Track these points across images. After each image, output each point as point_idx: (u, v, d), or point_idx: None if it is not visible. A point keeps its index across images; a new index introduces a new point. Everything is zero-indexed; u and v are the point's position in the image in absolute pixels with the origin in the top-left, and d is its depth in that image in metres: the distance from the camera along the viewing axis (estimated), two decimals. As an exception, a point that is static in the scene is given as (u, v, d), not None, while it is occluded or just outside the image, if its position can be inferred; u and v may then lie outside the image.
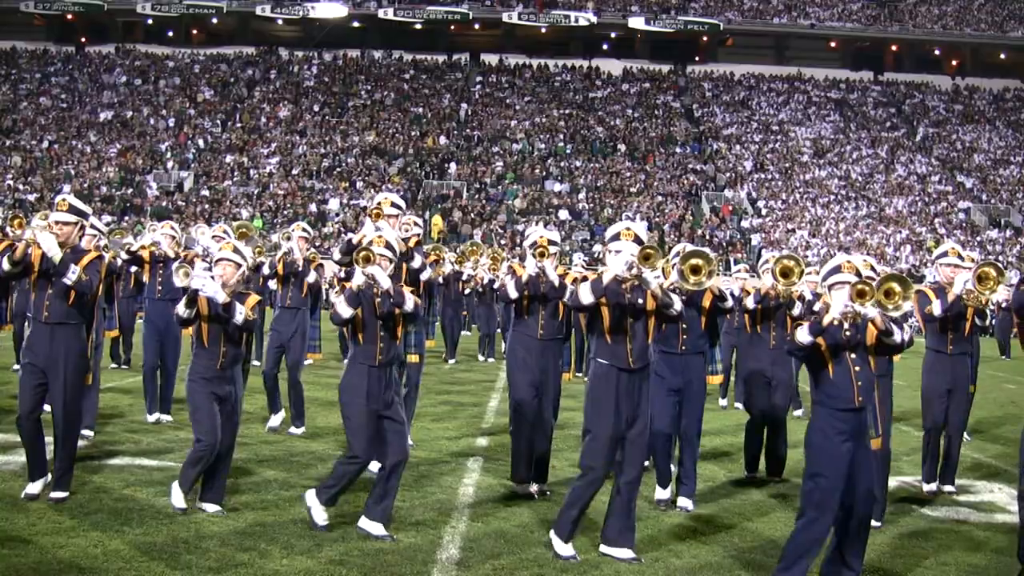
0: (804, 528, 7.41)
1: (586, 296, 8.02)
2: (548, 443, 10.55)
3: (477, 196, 57.37)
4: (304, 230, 13.87)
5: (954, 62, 73.81)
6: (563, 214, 55.90)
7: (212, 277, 8.89)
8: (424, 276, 11.32)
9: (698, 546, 8.72)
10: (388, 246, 8.88)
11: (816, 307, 8.87)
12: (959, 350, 10.91)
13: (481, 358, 25.49)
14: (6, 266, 9.08)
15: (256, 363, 18.74)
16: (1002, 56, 72.68)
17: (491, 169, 60.33)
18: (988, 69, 72.69)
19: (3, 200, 52.55)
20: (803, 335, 7.38)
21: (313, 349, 15.37)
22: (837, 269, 7.67)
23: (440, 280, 13.74)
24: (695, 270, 8.20)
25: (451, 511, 9.41)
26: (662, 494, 10.24)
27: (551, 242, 10.35)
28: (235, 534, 8.28)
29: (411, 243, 11.00)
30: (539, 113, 66.73)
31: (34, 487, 9.16)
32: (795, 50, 73.39)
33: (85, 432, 11.53)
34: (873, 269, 9.08)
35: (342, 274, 12.53)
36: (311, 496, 8.62)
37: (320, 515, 8.56)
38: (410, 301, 8.59)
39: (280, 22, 71.93)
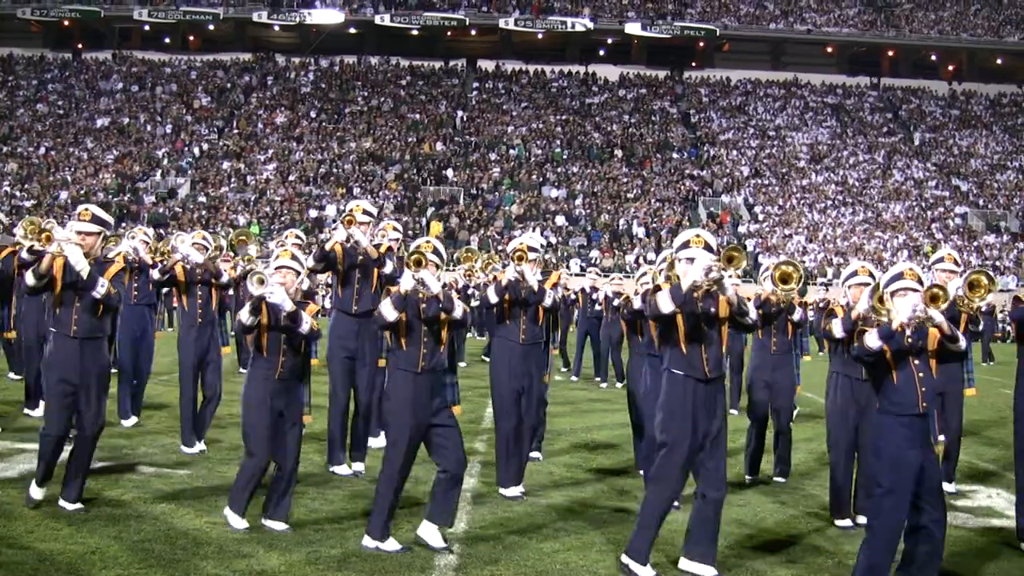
0: (873, 542, 7.39)
1: (666, 305, 7.80)
2: (529, 445, 10.84)
3: (474, 202, 57.39)
4: (298, 237, 14.16)
5: (951, 67, 73.91)
6: (560, 220, 55.94)
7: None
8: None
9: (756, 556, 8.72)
10: (436, 252, 8.67)
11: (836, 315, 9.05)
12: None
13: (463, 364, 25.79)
14: (32, 281, 8.82)
15: (242, 371, 19.12)
16: (999, 61, 72.78)
17: (488, 175, 60.34)
18: (985, 74, 72.78)
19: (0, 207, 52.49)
20: (872, 340, 7.33)
21: (311, 355, 15.27)
22: (900, 276, 7.56)
23: None
24: (729, 260, 8.19)
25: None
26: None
27: (531, 248, 10.60)
28: (233, 540, 8.27)
29: (383, 249, 11.28)
30: (536, 119, 66.76)
31: (40, 492, 9.02)
32: (792, 55, 73.44)
33: None
34: (871, 275, 9.29)
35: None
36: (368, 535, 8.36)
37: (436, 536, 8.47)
38: (459, 307, 8.36)
39: (277, 28, 71.95)
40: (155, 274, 12.70)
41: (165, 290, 14.53)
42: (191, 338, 12.32)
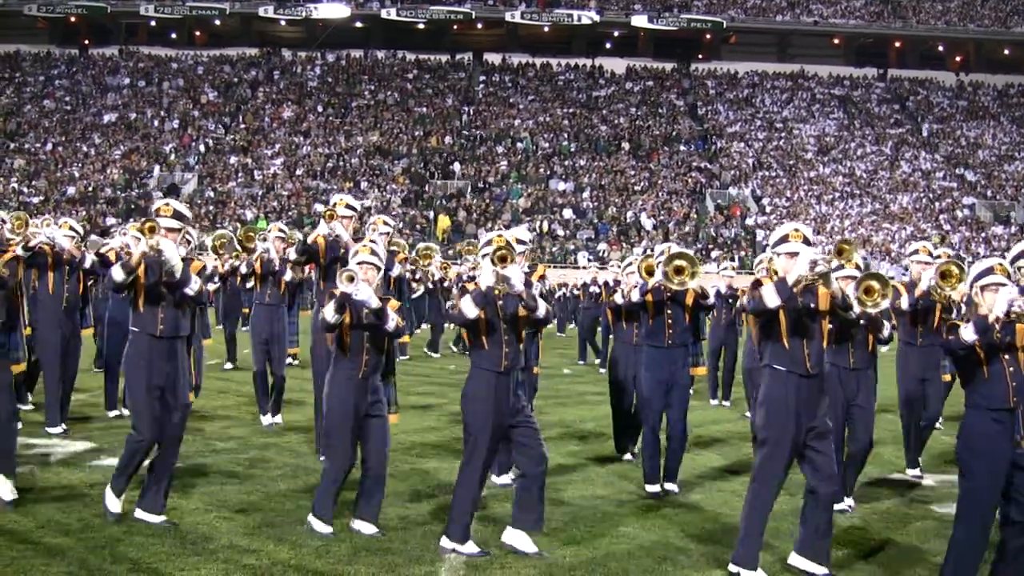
0: (966, 538, 7.42)
1: (772, 299, 7.62)
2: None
3: (481, 196, 57.36)
4: (280, 231, 14.37)
5: (958, 58, 73.70)
6: (567, 213, 55.90)
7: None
8: (393, 273, 12.21)
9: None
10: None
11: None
12: (928, 341, 11.40)
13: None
14: (119, 276, 8.35)
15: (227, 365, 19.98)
16: (1006, 51, 72.56)
17: (495, 168, 60.32)
18: (992, 65, 72.58)
19: (8, 203, 52.54)
20: (968, 334, 7.27)
21: (292, 344, 15.56)
22: (990, 271, 7.53)
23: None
24: (679, 271, 8.21)
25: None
26: (652, 488, 10.68)
27: (519, 241, 10.56)
28: (243, 535, 8.28)
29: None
30: (543, 112, 66.73)
31: (120, 505, 8.68)
32: (798, 47, 73.31)
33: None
34: (858, 267, 9.49)
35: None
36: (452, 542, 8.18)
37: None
38: (543, 307, 8.21)
39: (283, 23, 71.97)
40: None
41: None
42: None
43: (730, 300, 17.10)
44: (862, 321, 9.48)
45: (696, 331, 11.19)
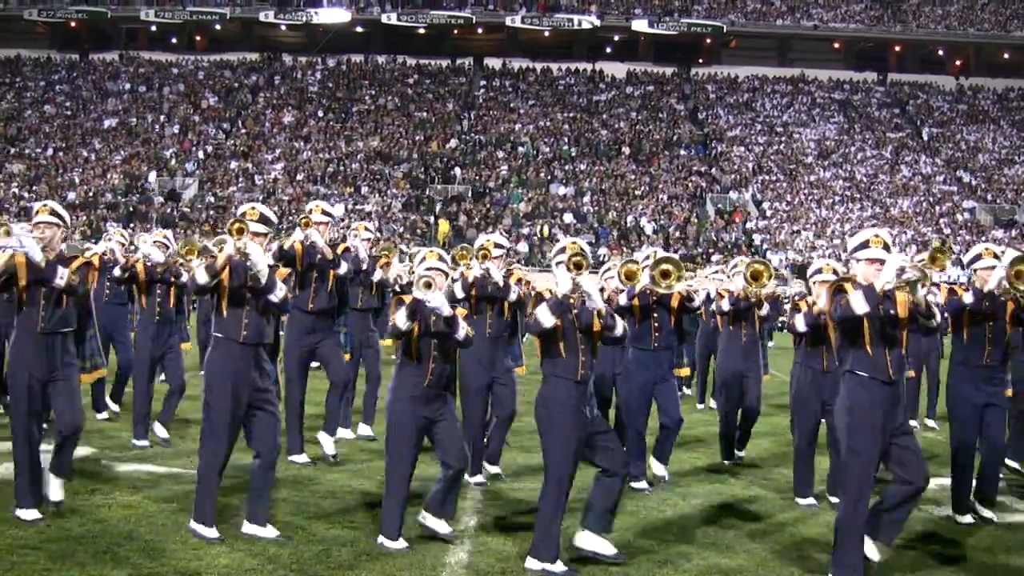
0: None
1: (861, 306, 7.64)
2: (505, 433, 11.45)
3: (482, 200, 57.38)
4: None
5: (958, 62, 73.71)
6: (568, 217, 55.91)
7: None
8: (375, 278, 12.93)
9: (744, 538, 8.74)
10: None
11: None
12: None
13: None
14: (203, 279, 8.25)
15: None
16: (1006, 56, 72.59)
17: (496, 173, 60.34)
18: (992, 69, 72.61)
19: (8, 209, 52.57)
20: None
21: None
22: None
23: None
24: (665, 275, 8.26)
25: (459, 515, 9.39)
26: (640, 484, 10.98)
27: (496, 245, 11.10)
28: (244, 541, 8.29)
29: (339, 249, 11.81)
30: (543, 116, 66.75)
31: (214, 532, 8.36)
32: (798, 51, 73.33)
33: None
34: (835, 272, 9.99)
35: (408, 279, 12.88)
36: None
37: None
38: (620, 325, 8.11)
39: (283, 28, 72.00)
40: (116, 272, 12.87)
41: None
42: (149, 335, 12.58)
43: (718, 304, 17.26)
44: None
45: (680, 333, 11.51)
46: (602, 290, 8.47)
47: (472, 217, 54.85)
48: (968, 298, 9.99)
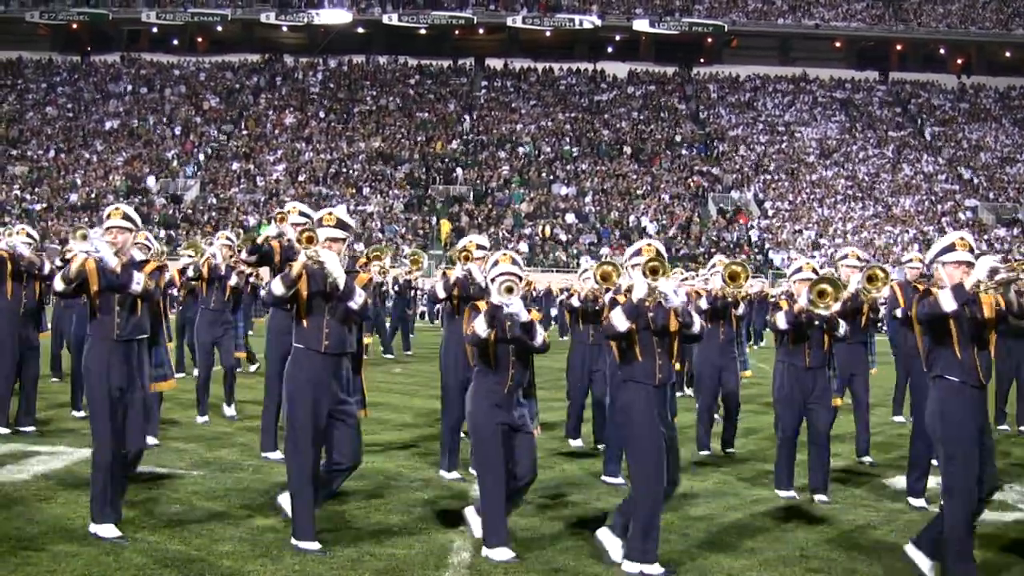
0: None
1: (949, 303, 7.49)
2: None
3: (484, 200, 57.38)
4: (228, 239, 14.84)
5: (959, 60, 73.72)
6: (569, 217, 55.92)
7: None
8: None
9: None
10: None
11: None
12: (856, 340, 12.06)
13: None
14: (279, 289, 8.07)
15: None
16: (1007, 54, 72.59)
17: (497, 173, 60.34)
18: (994, 67, 72.61)
19: (10, 211, 52.62)
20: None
21: (239, 348, 15.82)
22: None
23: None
24: (652, 272, 8.26)
25: (462, 515, 9.40)
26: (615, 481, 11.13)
27: (479, 246, 11.30)
28: (247, 540, 8.28)
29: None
30: (545, 117, 66.77)
31: (316, 545, 8.09)
32: (800, 50, 73.33)
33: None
34: (815, 271, 10.42)
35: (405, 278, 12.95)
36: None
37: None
38: (698, 323, 8.04)
39: (285, 29, 72.05)
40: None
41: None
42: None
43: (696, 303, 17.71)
44: (816, 322, 10.12)
45: None
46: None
47: (474, 218, 54.87)
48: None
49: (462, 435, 11.39)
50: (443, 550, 8.23)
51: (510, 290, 7.77)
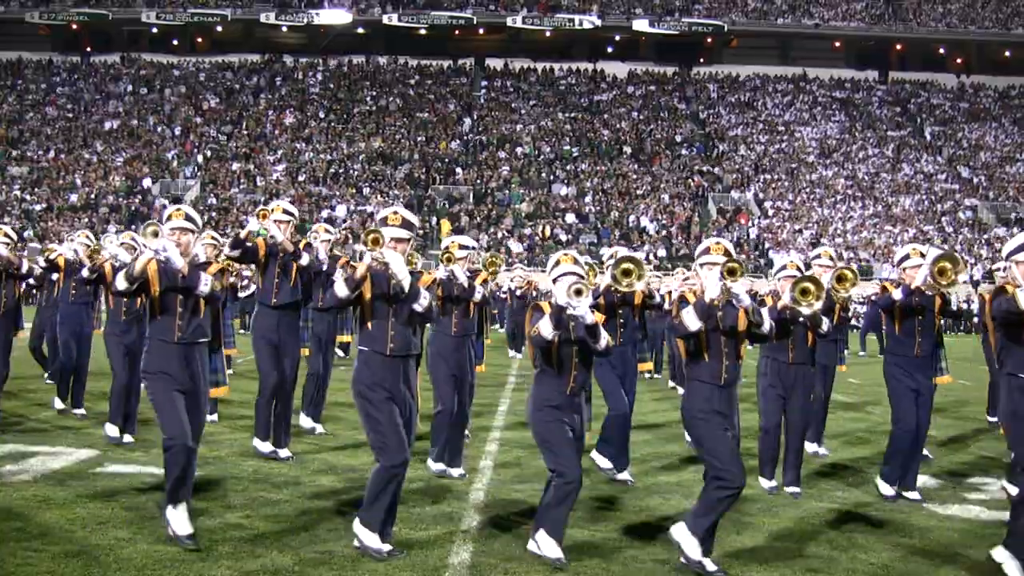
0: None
1: None
2: (462, 430, 11.69)
3: (484, 201, 57.39)
4: (213, 238, 14.88)
5: (959, 60, 73.75)
6: (570, 217, 55.93)
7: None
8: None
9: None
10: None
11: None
12: (828, 337, 12.02)
13: None
14: (343, 292, 7.95)
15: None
16: (1007, 53, 72.61)
17: (497, 173, 60.35)
18: (993, 67, 72.65)
19: (10, 211, 52.62)
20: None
21: (229, 345, 15.73)
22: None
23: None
24: (626, 273, 8.28)
25: (462, 515, 9.42)
26: (626, 475, 11.37)
27: (461, 247, 11.44)
28: (246, 542, 8.27)
29: (302, 244, 11.92)
30: (544, 117, 66.78)
31: (379, 545, 8.02)
32: (800, 50, 73.37)
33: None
34: (799, 269, 10.77)
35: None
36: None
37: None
38: (768, 323, 8.08)
39: (285, 29, 72.04)
40: (84, 272, 13.15)
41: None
42: (118, 333, 12.83)
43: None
44: (800, 319, 10.30)
45: (643, 329, 11.89)
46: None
47: (474, 218, 54.86)
48: (898, 294, 10.61)
49: (467, 434, 11.80)
50: (443, 551, 8.23)
51: (580, 292, 7.58)
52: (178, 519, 8.08)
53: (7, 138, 62.14)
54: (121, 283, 8.15)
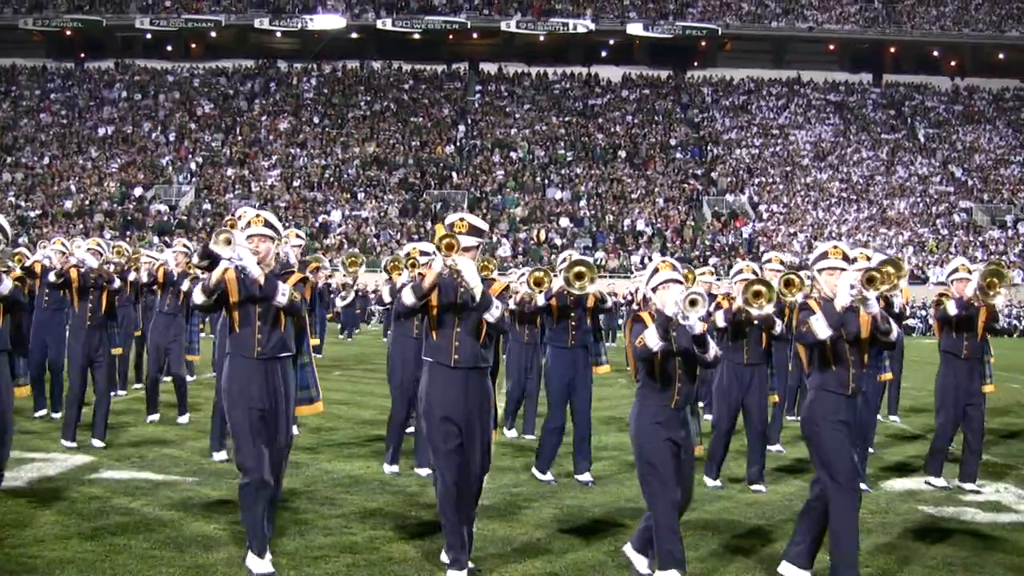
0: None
1: None
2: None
3: (479, 205, 57.40)
4: (184, 246, 15.38)
5: (953, 63, 73.79)
6: (564, 221, 55.94)
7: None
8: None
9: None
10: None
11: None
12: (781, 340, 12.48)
13: None
14: (410, 300, 7.60)
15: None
16: (1001, 56, 72.65)
17: (492, 177, 60.37)
18: (987, 69, 72.69)
19: (5, 217, 52.52)
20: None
21: (193, 351, 15.86)
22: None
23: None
24: (579, 276, 8.28)
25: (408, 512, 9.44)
26: (587, 477, 11.53)
27: (423, 252, 11.39)
28: (242, 545, 8.28)
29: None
30: (539, 121, 66.79)
31: (457, 571, 7.64)
32: (794, 53, 73.41)
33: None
34: (754, 272, 11.34)
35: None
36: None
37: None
38: (895, 330, 7.78)
39: (279, 35, 71.98)
40: (51, 276, 13.26)
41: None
42: (80, 340, 12.90)
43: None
44: (755, 321, 10.67)
45: (597, 332, 11.88)
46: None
47: (469, 222, 54.76)
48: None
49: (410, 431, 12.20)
50: (440, 551, 8.22)
51: (695, 303, 7.09)
52: (260, 567, 7.60)
53: (1, 144, 62.09)
54: (199, 297, 7.67)
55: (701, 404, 16.54)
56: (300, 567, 7.82)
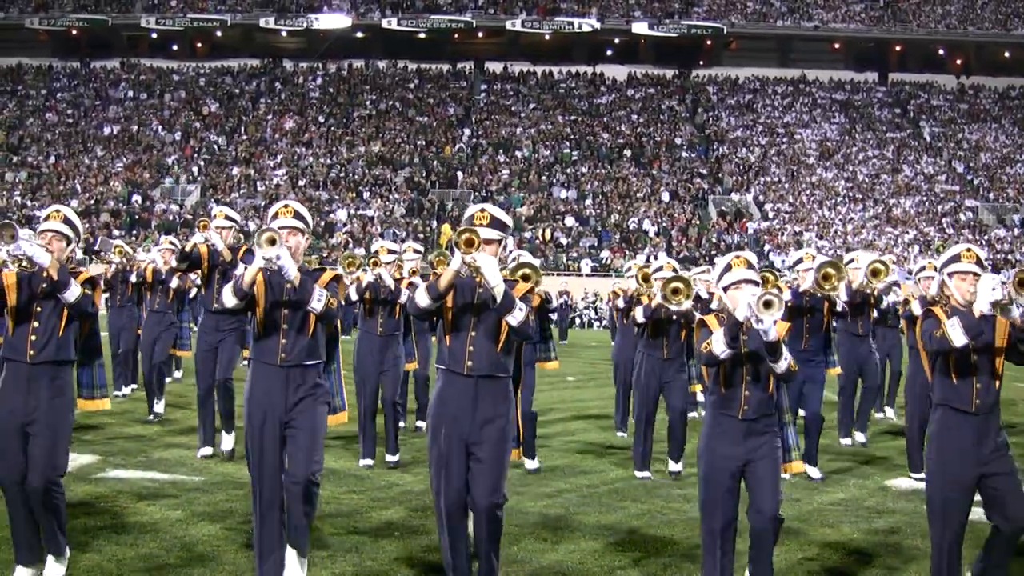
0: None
1: None
2: (394, 421, 12.37)
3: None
4: (171, 243, 15.81)
5: (958, 61, 73.64)
6: (570, 220, 55.94)
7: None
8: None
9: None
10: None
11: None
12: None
13: None
14: (424, 300, 6.83)
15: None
16: (1007, 54, 72.52)
17: (497, 177, 60.36)
18: (993, 68, 72.55)
19: (10, 217, 52.62)
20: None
21: (184, 347, 16.36)
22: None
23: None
24: (525, 278, 8.33)
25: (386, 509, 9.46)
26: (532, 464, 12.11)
27: (389, 251, 12.44)
28: (247, 548, 8.29)
29: (240, 253, 11.88)
30: (544, 120, 66.76)
31: None
32: (799, 52, 73.30)
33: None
34: (674, 269, 11.86)
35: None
36: None
37: None
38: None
39: (284, 34, 71.98)
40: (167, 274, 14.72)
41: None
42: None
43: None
44: (674, 316, 11.41)
45: (542, 331, 11.94)
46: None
47: (474, 221, 54.79)
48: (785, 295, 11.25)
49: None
50: (439, 552, 8.23)
51: (769, 305, 6.49)
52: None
53: (7, 143, 62.15)
54: (229, 299, 7.15)
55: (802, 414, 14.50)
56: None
